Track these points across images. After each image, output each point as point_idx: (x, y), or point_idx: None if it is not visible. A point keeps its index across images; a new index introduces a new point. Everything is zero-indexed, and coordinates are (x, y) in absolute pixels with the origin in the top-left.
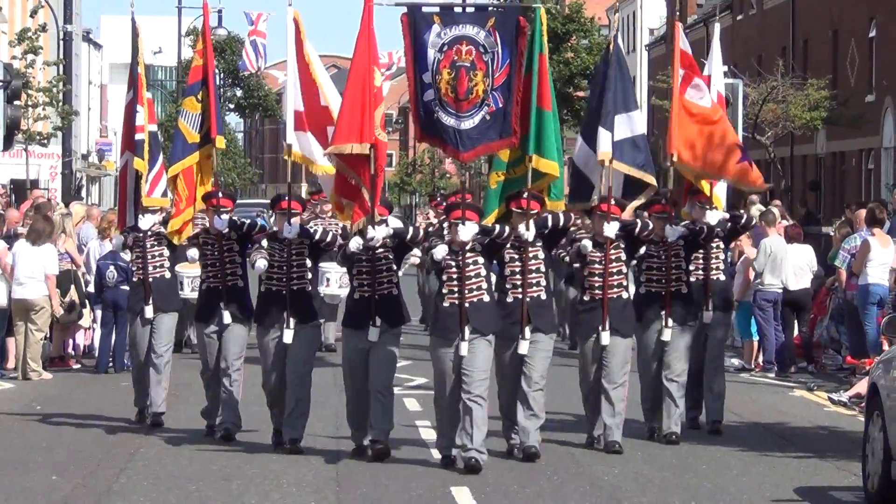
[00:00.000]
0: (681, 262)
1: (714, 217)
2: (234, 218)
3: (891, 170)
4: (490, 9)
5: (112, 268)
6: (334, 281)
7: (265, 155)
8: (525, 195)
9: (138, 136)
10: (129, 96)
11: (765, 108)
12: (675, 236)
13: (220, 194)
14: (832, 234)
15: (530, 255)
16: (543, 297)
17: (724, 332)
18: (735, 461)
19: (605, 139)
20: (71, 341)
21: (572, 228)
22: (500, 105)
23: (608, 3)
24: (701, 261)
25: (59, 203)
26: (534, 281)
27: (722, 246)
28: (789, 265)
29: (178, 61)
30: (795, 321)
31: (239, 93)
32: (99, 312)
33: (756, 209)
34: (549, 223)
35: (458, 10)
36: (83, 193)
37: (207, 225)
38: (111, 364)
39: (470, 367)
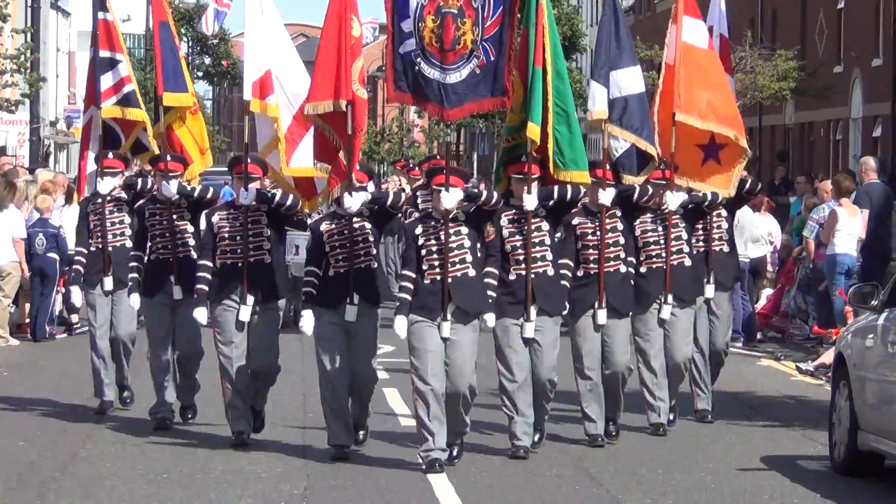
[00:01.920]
0: (681, 233)
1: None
2: (183, 183)
3: (859, 141)
4: None
5: (41, 235)
6: (304, 249)
7: (234, 123)
8: (523, 158)
9: (128, 88)
10: (92, 51)
11: (733, 79)
12: (677, 204)
13: (169, 157)
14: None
15: (533, 226)
16: (550, 272)
17: (728, 308)
18: (703, 430)
19: (600, 96)
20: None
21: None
22: (492, 58)
23: None
24: (702, 232)
25: (26, 170)
26: (538, 255)
27: (724, 214)
28: (748, 234)
29: (145, 29)
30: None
31: (207, 61)
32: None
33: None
34: (556, 194)
35: None
36: (51, 160)
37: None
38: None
39: (455, 360)
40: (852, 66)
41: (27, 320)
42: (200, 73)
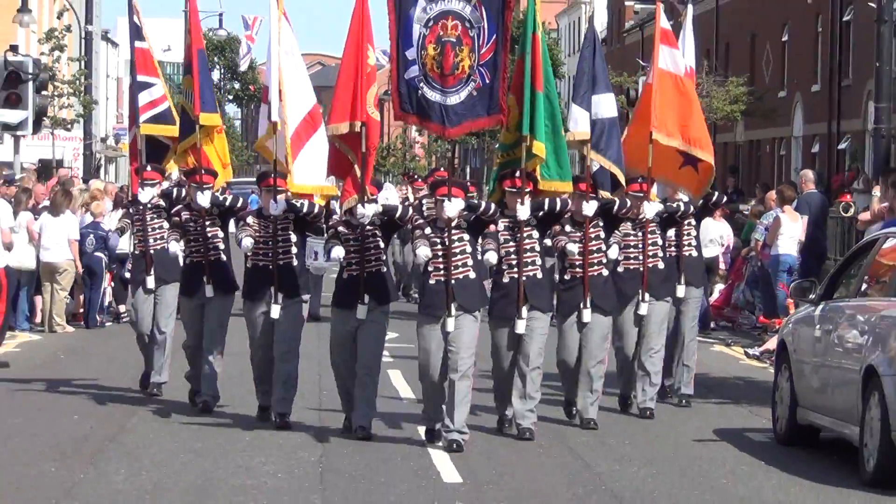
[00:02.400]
0: (657, 239)
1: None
2: (216, 194)
3: (799, 156)
4: None
5: (92, 236)
6: (322, 254)
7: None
8: (517, 174)
9: (163, 106)
10: (131, 77)
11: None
12: (653, 213)
13: (203, 171)
14: (747, 211)
15: (525, 234)
16: (539, 275)
17: (696, 306)
18: (663, 407)
19: (582, 118)
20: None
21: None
22: (487, 81)
23: (557, 9)
24: (674, 237)
25: (80, 180)
26: (529, 260)
27: (693, 223)
28: (704, 236)
29: (184, 58)
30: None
31: (237, 86)
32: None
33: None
34: (546, 206)
35: None
36: (101, 172)
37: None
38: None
39: (456, 345)
40: (794, 92)
41: (81, 310)
42: (231, 97)
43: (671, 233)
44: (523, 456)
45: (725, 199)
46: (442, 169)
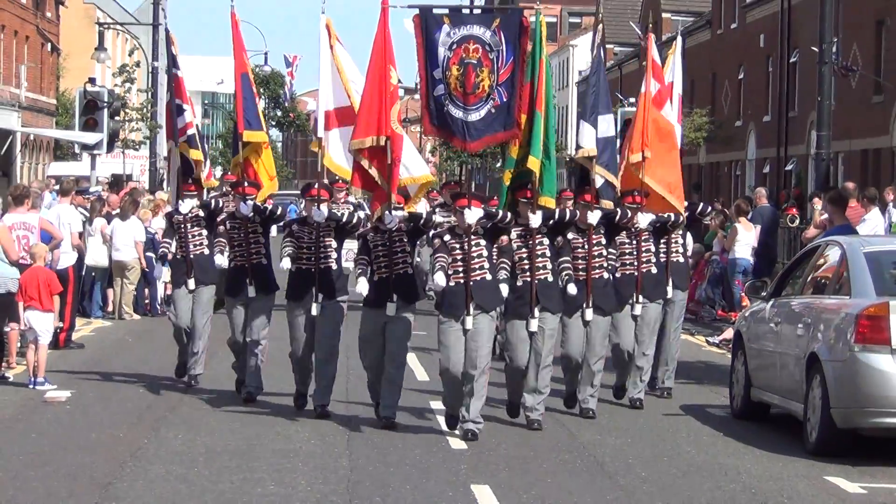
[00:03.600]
0: (650, 246)
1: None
2: (257, 203)
3: (753, 176)
4: (495, 11)
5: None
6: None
7: (297, 159)
8: (529, 186)
9: (190, 132)
10: (167, 97)
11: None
12: (646, 223)
13: (246, 183)
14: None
15: (536, 241)
16: (550, 279)
17: (681, 307)
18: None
19: (589, 135)
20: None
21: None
22: (504, 99)
23: (548, 49)
24: (663, 244)
25: (146, 191)
26: (540, 265)
27: (681, 231)
28: None
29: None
30: None
31: (279, 113)
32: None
33: None
34: (557, 216)
35: (465, 11)
36: (164, 184)
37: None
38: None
39: (475, 343)
40: (749, 121)
41: (146, 301)
42: (274, 123)
43: (662, 241)
44: (518, 429)
45: (710, 209)
46: (453, 183)
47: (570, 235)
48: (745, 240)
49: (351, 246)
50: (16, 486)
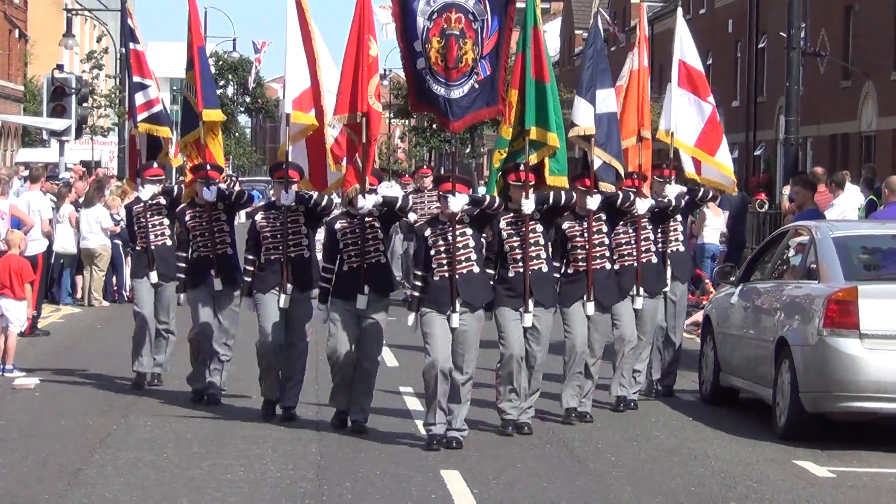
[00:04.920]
0: (648, 234)
1: (673, 191)
2: (221, 187)
3: None
4: None
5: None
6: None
7: (267, 145)
8: (521, 167)
9: (157, 108)
10: (128, 78)
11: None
12: (645, 209)
13: (208, 166)
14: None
15: (529, 228)
16: (545, 269)
17: (684, 302)
18: (607, 371)
19: (585, 112)
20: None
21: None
22: (489, 73)
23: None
24: (661, 234)
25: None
26: (534, 254)
27: (679, 219)
28: None
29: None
30: None
31: (248, 99)
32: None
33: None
34: (551, 200)
35: None
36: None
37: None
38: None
39: (462, 346)
40: (717, 107)
41: (115, 288)
42: (242, 109)
43: (659, 229)
44: (492, 415)
45: (711, 194)
46: (425, 167)
47: (566, 224)
48: (714, 225)
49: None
50: None
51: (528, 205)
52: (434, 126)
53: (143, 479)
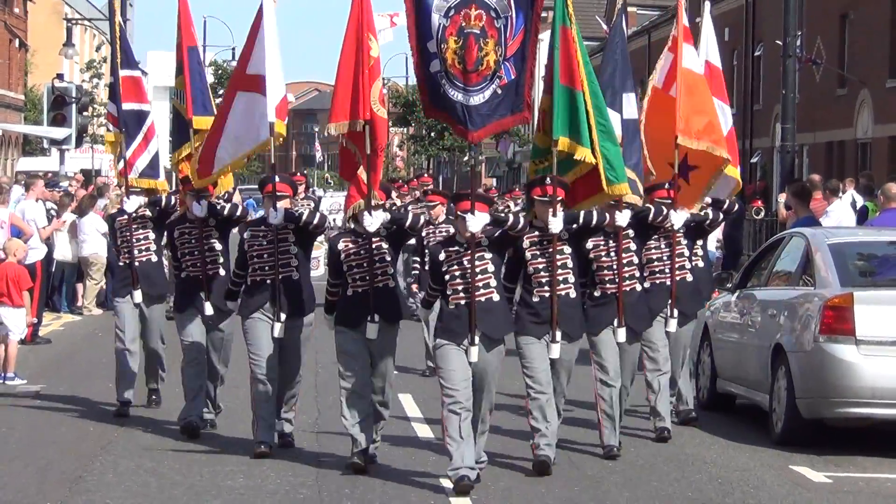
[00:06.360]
0: (684, 250)
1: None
2: (212, 203)
3: None
4: None
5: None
6: (322, 261)
7: (264, 154)
8: (548, 181)
9: (151, 150)
10: (111, 79)
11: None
12: (681, 223)
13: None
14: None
15: (557, 248)
16: (573, 294)
17: (702, 320)
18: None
19: (614, 120)
20: None
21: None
22: (513, 76)
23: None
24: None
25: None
26: (561, 278)
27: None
28: None
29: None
30: None
31: None
32: None
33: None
34: (581, 220)
35: None
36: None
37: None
38: None
39: (481, 383)
40: None
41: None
42: None
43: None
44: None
45: (737, 206)
46: (426, 175)
47: (591, 243)
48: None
49: (319, 257)
50: None
51: (556, 223)
52: (432, 134)
53: (144, 487)
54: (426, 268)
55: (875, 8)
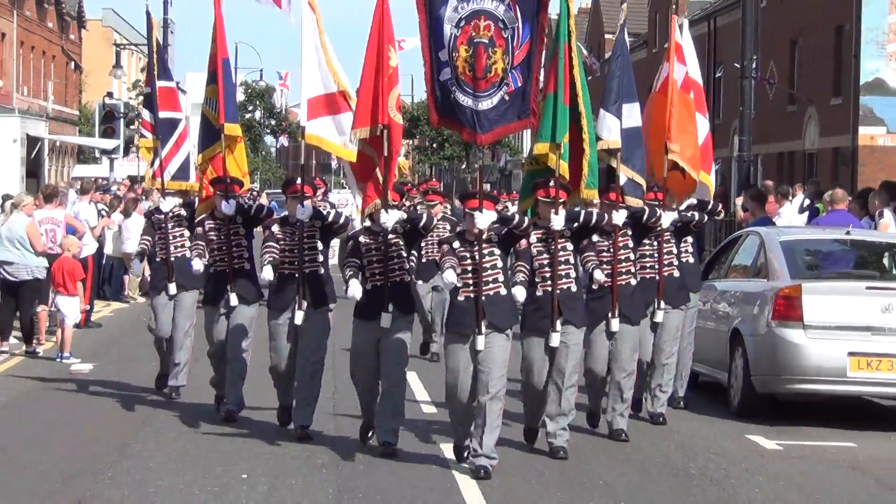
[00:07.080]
0: (671, 248)
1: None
2: (240, 202)
3: None
4: None
5: None
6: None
7: (290, 162)
8: (552, 183)
9: (182, 153)
10: (147, 89)
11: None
12: (669, 222)
13: (229, 180)
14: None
15: (559, 245)
16: (574, 288)
17: (693, 314)
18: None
19: (611, 125)
20: None
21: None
22: (520, 84)
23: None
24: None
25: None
26: (563, 272)
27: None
28: None
29: (208, 67)
30: None
31: (273, 122)
32: None
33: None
34: (582, 219)
35: None
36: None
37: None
38: None
39: (487, 365)
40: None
41: None
42: (269, 131)
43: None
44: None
45: (720, 207)
46: (433, 179)
47: (593, 239)
48: None
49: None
50: (42, 448)
51: (558, 221)
52: (434, 145)
53: (182, 453)
54: (423, 261)
55: (821, 36)
